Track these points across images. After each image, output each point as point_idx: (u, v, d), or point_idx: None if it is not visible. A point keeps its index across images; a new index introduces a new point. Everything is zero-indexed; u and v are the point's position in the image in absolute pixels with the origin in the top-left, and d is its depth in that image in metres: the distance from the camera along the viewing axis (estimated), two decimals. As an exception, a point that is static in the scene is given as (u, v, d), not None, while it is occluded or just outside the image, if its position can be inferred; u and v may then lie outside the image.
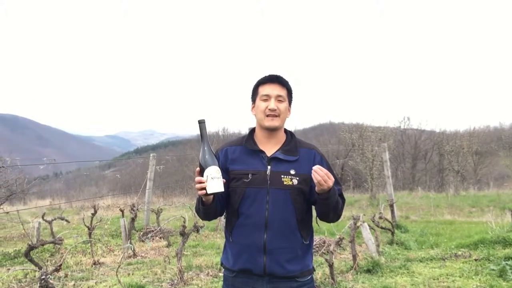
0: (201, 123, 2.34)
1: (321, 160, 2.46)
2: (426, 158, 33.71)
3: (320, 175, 2.18)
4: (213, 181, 2.20)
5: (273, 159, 2.40)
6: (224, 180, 2.28)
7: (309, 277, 2.46)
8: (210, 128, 28.22)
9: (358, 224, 6.60)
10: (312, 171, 2.20)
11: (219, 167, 2.26)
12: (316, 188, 2.24)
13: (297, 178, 2.36)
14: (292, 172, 2.37)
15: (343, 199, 2.45)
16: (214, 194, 2.24)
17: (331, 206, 2.31)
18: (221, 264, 2.57)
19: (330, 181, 2.19)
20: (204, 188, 2.21)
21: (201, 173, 2.26)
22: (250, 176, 2.38)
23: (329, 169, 2.44)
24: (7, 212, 12.46)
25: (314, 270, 2.55)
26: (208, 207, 2.38)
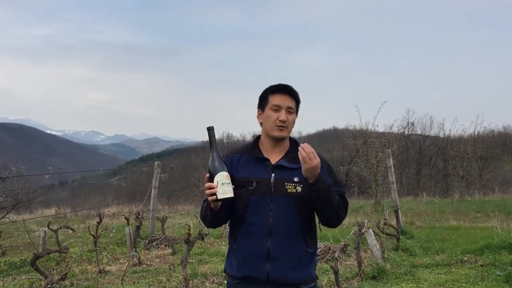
0: (210, 130, 2.40)
1: (323, 165, 2.45)
2: (430, 164, 33.61)
3: (306, 151, 2.22)
4: (223, 186, 2.24)
5: (277, 167, 2.43)
6: (234, 186, 2.31)
7: (312, 285, 2.47)
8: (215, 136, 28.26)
9: (363, 230, 6.60)
10: (299, 149, 2.24)
11: (228, 173, 2.31)
12: (303, 170, 2.26)
13: (301, 185, 2.38)
14: (296, 179, 2.39)
15: (345, 201, 2.45)
16: (224, 199, 2.26)
17: (323, 198, 2.31)
18: (225, 271, 2.60)
19: (315, 160, 2.21)
20: (215, 194, 2.25)
21: (210, 179, 2.29)
22: (254, 183, 2.41)
23: (331, 173, 2.49)
24: (13, 221, 12.50)
25: (318, 278, 2.57)
26: (215, 214, 2.41)
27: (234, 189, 2.34)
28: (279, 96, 2.47)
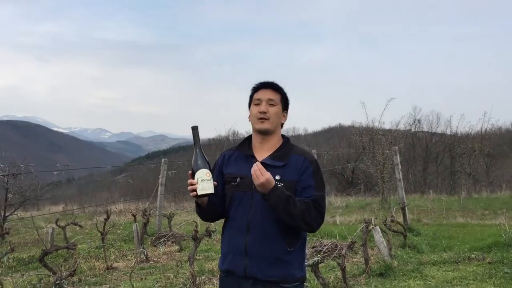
0: (194, 129, 2.47)
1: (309, 165, 2.48)
2: (437, 161, 33.43)
3: (254, 169, 2.27)
4: (203, 183, 2.33)
5: (262, 165, 2.42)
6: (215, 183, 2.39)
7: (295, 284, 2.46)
8: (221, 133, 28.35)
9: (370, 227, 6.59)
10: (253, 167, 2.29)
11: (210, 170, 2.39)
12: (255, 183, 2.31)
13: (281, 184, 2.38)
14: (277, 177, 2.40)
15: (320, 207, 2.42)
16: (204, 195, 2.35)
17: (279, 211, 2.32)
18: (218, 266, 2.67)
19: (262, 177, 2.25)
20: (195, 190, 2.33)
21: (193, 176, 2.37)
22: (238, 179, 2.48)
23: (315, 175, 2.47)
24: (21, 218, 12.59)
25: (305, 280, 2.56)
26: (203, 209, 2.51)
27: (224, 185, 2.48)
28: (261, 91, 2.55)
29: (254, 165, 2.29)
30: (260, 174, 2.25)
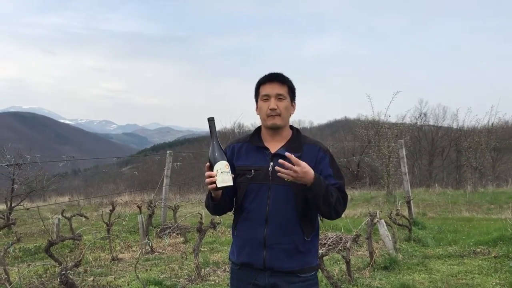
0: (211, 120, 2.44)
1: (324, 155, 2.48)
2: (443, 155, 33.31)
3: (286, 166, 2.19)
4: (223, 175, 2.29)
5: (276, 156, 2.43)
6: (233, 175, 2.36)
7: (312, 273, 2.48)
8: (226, 125, 28.31)
9: (375, 220, 6.57)
10: (277, 168, 2.22)
11: (228, 162, 2.35)
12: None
13: None
14: None
15: (344, 195, 2.44)
16: (223, 188, 2.31)
17: (319, 199, 2.29)
18: (229, 258, 2.65)
19: (301, 169, 2.19)
20: (214, 182, 2.29)
21: (210, 168, 2.34)
22: (253, 172, 2.45)
23: (333, 164, 2.48)
24: (27, 209, 12.66)
25: (319, 268, 2.57)
26: (217, 202, 2.46)
27: (235, 177, 2.40)
28: (268, 85, 2.50)
29: (282, 162, 2.21)
30: (297, 169, 2.20)
